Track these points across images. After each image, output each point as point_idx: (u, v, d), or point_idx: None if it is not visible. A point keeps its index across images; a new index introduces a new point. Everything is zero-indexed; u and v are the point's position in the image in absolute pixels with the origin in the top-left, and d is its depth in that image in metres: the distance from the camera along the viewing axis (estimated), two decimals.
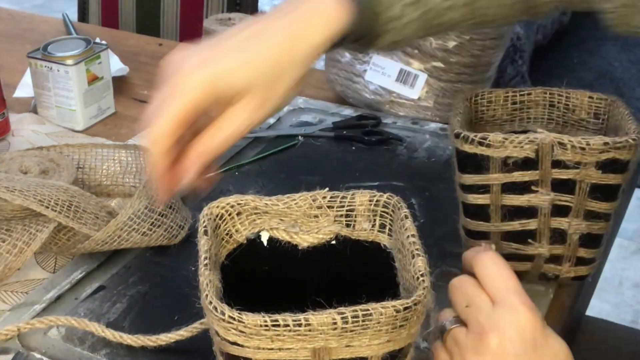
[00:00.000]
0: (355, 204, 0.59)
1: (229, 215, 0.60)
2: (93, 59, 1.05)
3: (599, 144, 0.65)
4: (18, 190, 0.74)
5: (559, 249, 0.71)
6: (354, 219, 0.60)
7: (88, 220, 0.76)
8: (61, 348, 0.69)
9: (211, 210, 0.59)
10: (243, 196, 0.60)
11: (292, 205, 0.60)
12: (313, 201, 0.60)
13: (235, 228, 0.60)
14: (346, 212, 0.59)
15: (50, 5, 3.79)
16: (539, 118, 0.78)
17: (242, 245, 0.60)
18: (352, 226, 0.60)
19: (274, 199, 0.60)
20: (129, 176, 0.91)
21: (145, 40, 1.40)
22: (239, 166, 0.97)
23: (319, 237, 0.60)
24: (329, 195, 0.60)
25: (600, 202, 0.68)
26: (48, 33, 1.36)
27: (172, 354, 0.68)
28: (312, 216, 0.60)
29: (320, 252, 0.60)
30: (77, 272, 0.78)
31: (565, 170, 0.67)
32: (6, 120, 1.04)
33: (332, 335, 0.48)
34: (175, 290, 0.76)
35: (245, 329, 0.48)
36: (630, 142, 0.66)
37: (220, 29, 1.14)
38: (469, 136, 0.67)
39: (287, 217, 0.60)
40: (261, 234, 0.60)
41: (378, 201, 0.59)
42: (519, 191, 0.69)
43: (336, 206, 0.60)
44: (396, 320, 0.49)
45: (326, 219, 0.60)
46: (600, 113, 0.75)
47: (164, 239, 0.79)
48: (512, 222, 0.71)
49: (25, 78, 1.15)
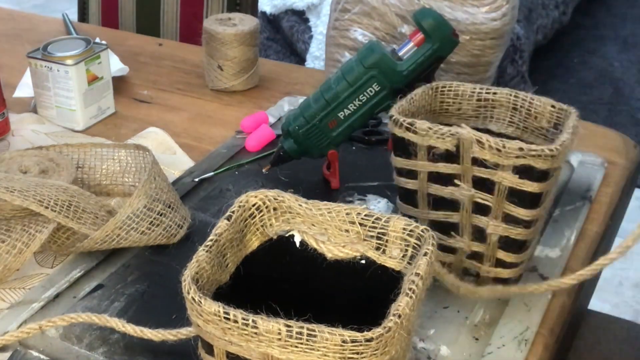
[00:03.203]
0: (388, 228, 0.58)
1: (265, 207, 0.60)
2: (93, 59, 1.06)
3: (515, 148, 0.65)
4: (18, 190, 0.74)
5: (479, 247, 0.72)
6: (384, 244, 0.59)
7: (87, 220, 0.76)
8: (59, 346, 0.69)
9: (248, 199, 0.60)
10: (282, 193, 0.60)
11: (325, 214, 0.59)
12: (347, 214, 0.59)
13: (270, 222, 0.61)
14: (377, 234, 0.59)
15: (50, 5, 3.80)
16: (501, 119, 0.78)
17: (272, 240, 0.61)
18: (381, 250, 0.59)
19: (311, 203, 0.60)
20: (128, 176, 0.91)
21: (145, 40, 1.40)
22: (238, 166, 0.97)
23: (345, 251, 0.59)
24: (364, 213, 0.59)
25: (518, 207, 0.68)
26: (48, 33, 1.37)
27: (172, 353, 0.68)
28: (343, 230, 0.59)
29: (343, 266, 0.59)
30: (75, 271, 0.78)
31: (484, 169, 0.67)
32: (6, 120, 1.04)
33: (277, 345, 0.48)
34: (174, 289, 0.75)
35: (203, 314, 0.50)
36: (546, 152, 0.65)
37: (221, 29, 1.14)
38: (399, 120, 0.69)
39: (318, 224, 0.60)
40: (294, 234, 0.60)
41: (412, 232, 0.58)
42: (443, 182, 0.70)
43: (369, 225, 0.59)
44: (344, 351, 0.48)
45: (356, 236, 0.59)
46: (560, 124, 0.74)
47: (162, 238, 0.79)
48: (437, 212, 0.72)
49: (25, 78, 1.15)
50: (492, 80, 1.13)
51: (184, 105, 1.16)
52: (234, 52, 1.15)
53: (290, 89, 1.20)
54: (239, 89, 1.18)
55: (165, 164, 0.96)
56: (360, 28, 1.08)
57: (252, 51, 1.17)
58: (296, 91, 1.19)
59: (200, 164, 0.98)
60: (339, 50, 1.11)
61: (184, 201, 0.87)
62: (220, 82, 1.18)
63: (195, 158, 1.00)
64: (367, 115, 0.87)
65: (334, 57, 1.12)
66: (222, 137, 1.06)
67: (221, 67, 1.16)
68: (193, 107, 1.15)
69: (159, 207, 0.79)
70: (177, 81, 1.23)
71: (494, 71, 1.12)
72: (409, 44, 0.84)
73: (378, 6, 1.05)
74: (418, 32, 0.83)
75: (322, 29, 2.65)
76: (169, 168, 0.96)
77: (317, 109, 0.87)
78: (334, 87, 0.86)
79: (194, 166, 0.98)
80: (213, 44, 1.15)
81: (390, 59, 0.84)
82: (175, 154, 1.02)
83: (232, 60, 1.15)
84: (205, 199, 0.91)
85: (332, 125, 0.87)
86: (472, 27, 1.02)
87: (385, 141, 1.01)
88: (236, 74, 1.17)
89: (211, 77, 1.18)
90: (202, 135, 1.07)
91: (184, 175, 0.95)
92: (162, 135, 1.04)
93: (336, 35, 1.10)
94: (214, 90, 1.19)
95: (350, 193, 0.91)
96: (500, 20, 1.03)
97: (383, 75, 0.84)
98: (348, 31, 1.08)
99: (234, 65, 1.16)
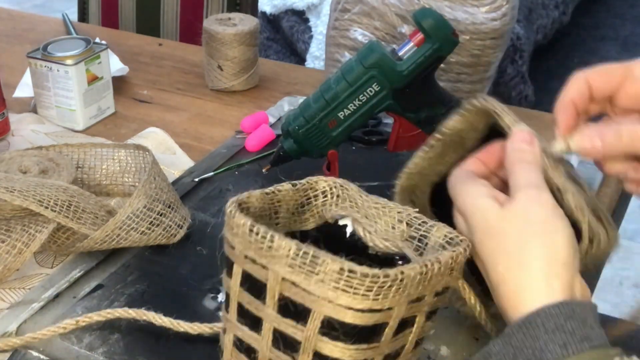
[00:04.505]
0: (431, 233, 0.59)
1: (330, 192, 0.63)
2: (93, 59, 1.06)
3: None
4: (17, 190, 0.74)
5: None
6: (424, 247, 0.60)
7: (87, 220, 0.76)
8: (59, 346, 0.69)
9: (318, 181, 0.63)
10: (349, 183, 0.63)
11: (379, 208, 0.62)
12: (398, 213, 0.61)
13: (331, 207, 0.63)
14: (420, 236, 0.60)
15: (50, 5, 3.80)
16: None
17: (327, 223, 0.63)
18: (419, 252, 0.60)
19: (371, 198, 0.62)
20: (128, 175, 0.91)
21: (145, 40, 1.40)
22: (238, 166, 0.97)
23: (386, 244, 0.60)
24: (414, 215, 0.61)
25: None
26: (48, 33, 1.36)
27: (172, 353, 0.68)
28: (391, 226, 0.61)
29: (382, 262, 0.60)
30: (75, 271, 0.78)
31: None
32: (6, 120, 1.04)
33: (285, 264, 0.51)
34: (174, 289, 0.76)
35: (234, 226, 0.54)
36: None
37: (220, 29, 1.14)
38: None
39: (370, 217, 0.62)
40: (347, 223, 0.63)
41: (452, 239, 0.58)
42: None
43: (414, 226, 0.60)
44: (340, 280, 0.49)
45: (400, 234, 0.61)
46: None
47: (162, 238, 0.79)
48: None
49: (25, 78, 1.15)
50: (492, 80, 1.13)
51: (184, 105, 1.16)
52: (234, 52, 1.15)
53: (290, 89, 1.20)
54: (239, 89, 1.18)
55: (165, 164, 0.96)
56: (360, 28, 1.08)
57: (252, 51, 1.17)
58: (296, 91, 1.19)
59: (200, 164, 0.98)
60: (339, 50, 1.11)
61: (184, 201, 0.87)
62: (220, 82, 1.18)
63: (195, 158, 1.00)
64: (367, 115, 0.87)
65: (334, 57, 1.12)
66: (222, 137, 1.06)
67: (221, 67, 1.16)
68: (193, 107, 1.15)
69: (159, 207, 0.79)
70: (177, 81, 1.23)
71: (494, 71, 1.12)
72: (409, 44, 0.84)
73: (378, 6, 1.05)
74: (418, 32, 0.83)
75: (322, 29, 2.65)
76: (169, 168, 0.96)
77: (317, 109, 0.87)
78: (334, 87, 0.86)
79: (193, 166, 0.98)
80: (213, 44, 1.15)
81: (390, 59, 0.84)
82: (175, 154, 1.02)
83: (232, 60, 1.15)
84: (205, 199, 0.91)
85: (332, 125, 0.87)
86: (472, 27, 1.02)
87: (385, 141, 1.01)
88: (236, 74, 1.17)
89: (211, 77, 1.18)
90: (202, 135, 1.07)
91: (184, 175, 0.95)
92: (162, 135, 1.04)
93: (336, 35, 1.10)
94: (214, 90, 1.19)
95: None
96: (500, 20, 1.03)
97: (383, 75, 0.84)
98: (348, 31, 1.08)
99: (234, 65, 1.16)
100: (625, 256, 2.20)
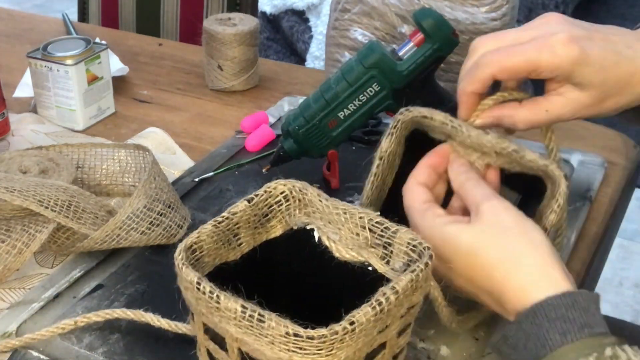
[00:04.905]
0: (394, 239, 0.57)
1: (292, 197, 0.61)
2: (93, 59, 1.06)
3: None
4: (17, 190, 0.74)
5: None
6: (389, 254, 0.57)
7: (87, 220, 0.76)
8: (59, 346, 0.69)
9: (277, 186, 0.61)
10: (308, 185, 0.61)
11: (341, 214, 0.59)
12: (360, 218, 0.58)
13: (294, 212, 0.61)
14: (384, 243, 0.57)
15: (50, 5, 3.80)
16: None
17: (292, 230, 0.62)
18: (386, 260, 0.57)
19: (330, 201, 0.60)
20: (128, 175, 0.91)
21: (145, 40, 1.40)
22: (238, 166, 0.97)
23: (352, 254, 0.59)
24: (375, 219, 0.58)
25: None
26: (48, 33, 1.36)
27: (172, 353, 0.68)
28: (354, 233, 0.59)
29: (351, 269, 0.59)
30: (75, 271, 0.78)
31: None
32: (6, 120, 1.04)
33: (234, 324, 0.50)
34: (174, 289, 0.76)
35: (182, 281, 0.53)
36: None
37: (220, 29, 1.14)
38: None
39: (333, 222, 0.60)
40: (314, 229, 0.61)
41: (415, 247, 0.56)
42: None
43: (377, 233, 0.58)
44: (288, 343, 0.48)
45: (364, 241, 0.58)
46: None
47: (162, 238, 0.79)
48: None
49: (25, 78, 1.15)
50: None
51: (184, 105, 1.16)
52: (234, 52, 1.15)
53: (290, 89, 1.20)
54: (239, 89, 1.18)
55: (165, 164, 0.96)
56: (360, 28, 1.07)
57: (252, 51, 1.17)
58: (296, 91, 1.19)
59: (200, 164, 0.98)
60: (339, 50, 1.11)
61: (184, 201, 0.87)
62: (220, 82, 1.18)
63: (195, 158, 1.00)
64: (367, 115, 0.87)
65: (334, 57, 1.12)
66: (222, 137, 1.06)
67: (221, 67, 1.16)
68: (193, 107, 1.15)
69: (159, 207, 0.79)
70: (177, 81, 1.23)
71: None
72: (409, 44, 0.84)
73: (378, 6, 1.05)
74: (418, 32, 0.83)
75: (322, 29, 2.65)
76: (169, 168, 0.96)
77: (317, 109, 0.87)
78: (334, 87, 0.86)
79: (193, 166, 0.98)
80: (213, 44, 1.15)
81: (390, 59, 0.84)
82: (175, 154, 1.02)
83: (232, 60, 1.15)
84: (205, 199, 0.91)
85: (332, 125, 0.87)
86: (472, 27, 1.02)
87: None
88: (236, 74, 1.17)
89: (211, 77, 1.18)
90: (202, 135, 1.07)
91: (184, 175, 0.95)
92: (162, 135, 1.04)
93: (336, 35, 1.10)
94: (214, 90, 1.19)
95: (350, 193, 0.91)
96: (500, 20, 1.03)
97: (383, 75, 0.84)
98: (348, 31, 1.08)
99: (234, 65, 1.16)
100: (625, 256, 2.20)
